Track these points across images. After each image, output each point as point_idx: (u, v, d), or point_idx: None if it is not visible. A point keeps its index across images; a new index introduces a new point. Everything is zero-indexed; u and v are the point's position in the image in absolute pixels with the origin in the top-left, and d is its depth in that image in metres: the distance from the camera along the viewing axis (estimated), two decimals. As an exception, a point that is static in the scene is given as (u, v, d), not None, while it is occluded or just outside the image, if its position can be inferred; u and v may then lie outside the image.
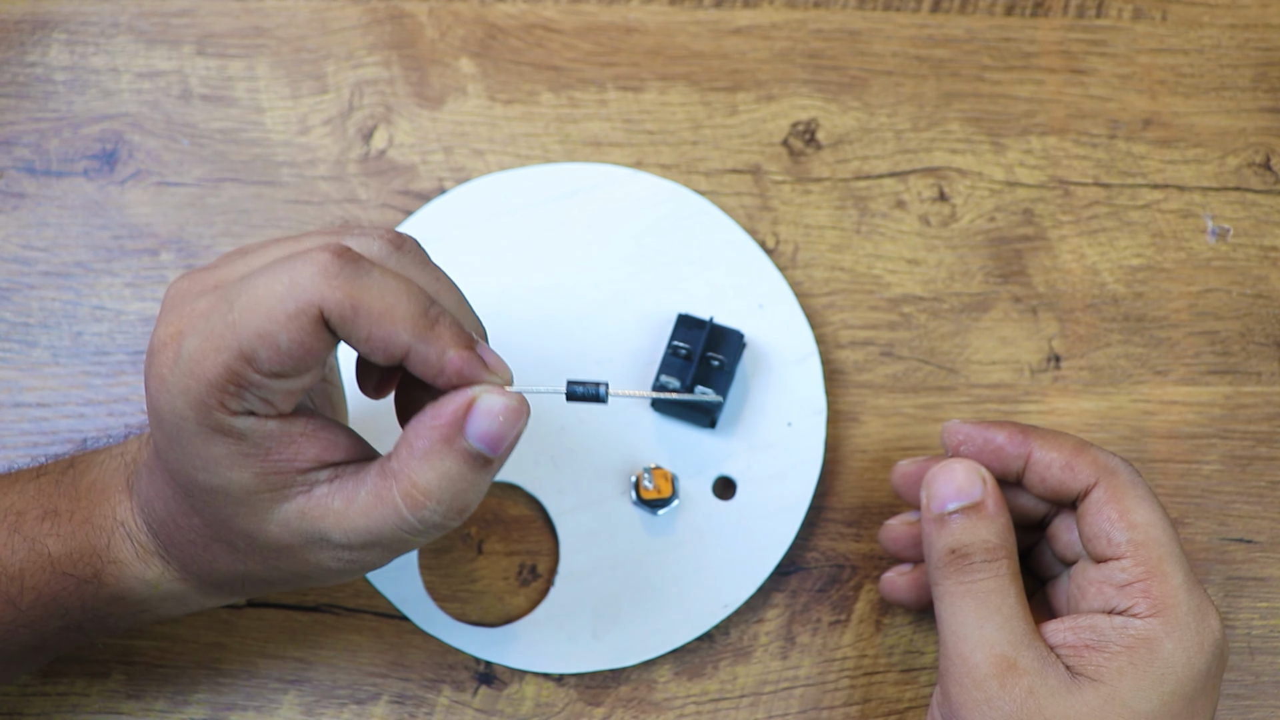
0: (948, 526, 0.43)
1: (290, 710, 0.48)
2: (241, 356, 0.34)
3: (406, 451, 0.36)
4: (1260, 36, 0.58)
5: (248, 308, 0.34)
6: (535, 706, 0.48)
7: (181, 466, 0.37)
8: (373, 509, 0.37)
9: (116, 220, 0.53)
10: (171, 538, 0.40)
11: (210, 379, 0.34)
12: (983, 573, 0.42)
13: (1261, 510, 0.52)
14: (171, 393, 0.35)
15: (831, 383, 0.52)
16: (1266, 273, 0.55)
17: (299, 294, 0.34)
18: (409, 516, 0.36)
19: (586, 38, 0.56)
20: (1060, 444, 0.44)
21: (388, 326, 0.35)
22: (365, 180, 0.54)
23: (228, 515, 0.37)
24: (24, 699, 0.48)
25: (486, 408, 0.36)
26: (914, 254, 0.54)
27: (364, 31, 0.56)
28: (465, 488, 0.37)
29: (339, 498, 0.37)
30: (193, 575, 0.41)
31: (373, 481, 0.37)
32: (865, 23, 0.57)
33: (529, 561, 0.50)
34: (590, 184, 0.53)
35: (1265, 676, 0.50)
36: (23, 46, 0.55)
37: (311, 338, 0.34)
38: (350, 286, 0.34)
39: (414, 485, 0.36)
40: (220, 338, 0.34)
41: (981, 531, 0.43)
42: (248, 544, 0.38)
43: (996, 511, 0.43)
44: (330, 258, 0.35)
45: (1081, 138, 0.56)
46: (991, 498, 0.43)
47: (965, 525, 0.43)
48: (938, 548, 0.43)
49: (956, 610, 0.42)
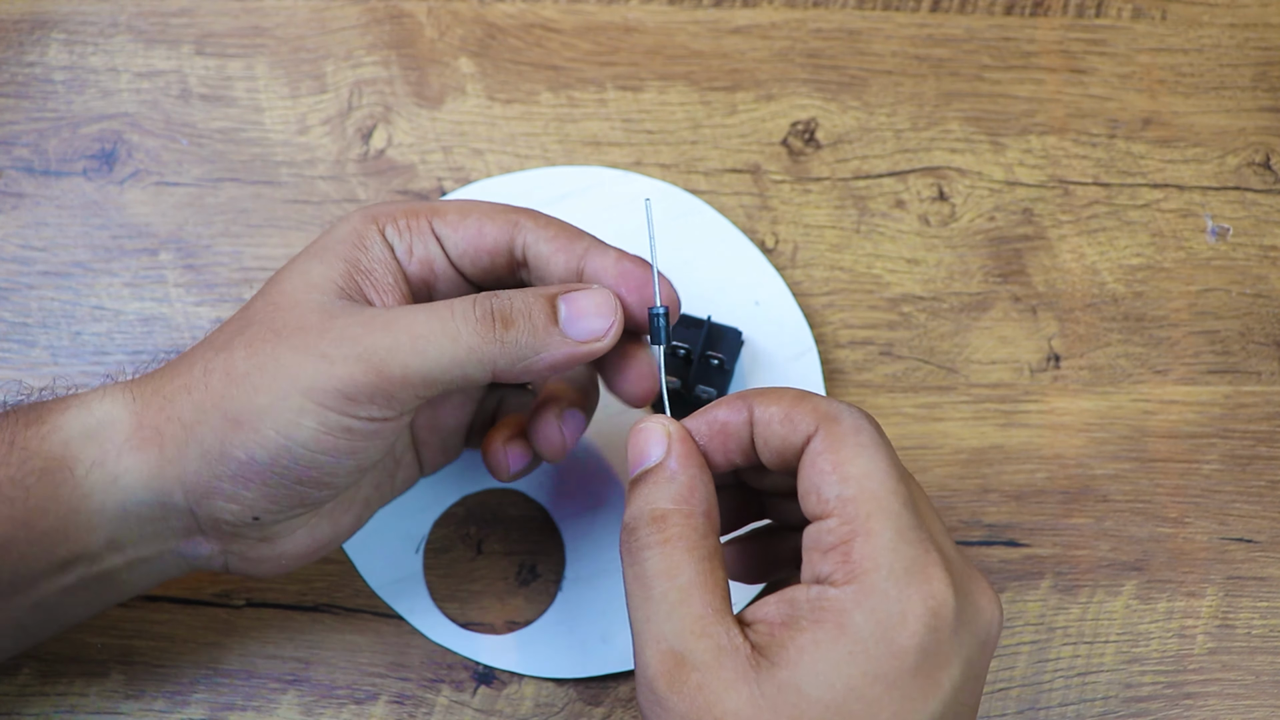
0: (628, 498, 0.37)
1: (289, 710, 0.48)
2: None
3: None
4: (1260, 36, 0.58)
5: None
6: (535, 706, 0.48)
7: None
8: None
9: (115, 220, 0.53)
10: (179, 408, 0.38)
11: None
12: (650, 549, 0.36)
13: (1261, 510, 0.52)
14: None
15: (831, 382, 0.52)
16: (1266, 272, 0.55)
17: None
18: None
19: (585, 37, 0.56)
20: (779, 397, 0.37)
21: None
22: (364, 180, 0.54)
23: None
24: (22, 699, 0.47)
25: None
26: (913, 253, 0.54)
27: (363, 31, 0.56)
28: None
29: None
30: (187, 461, 0.38)
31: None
32: (864, 22, 0.57)
33: (529, 562, 0.50)
34: (584, 186, 0.53)
35: (1265, 676, 0.50)
36: (21, 46, 0.55)
37: None
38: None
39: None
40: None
41: (653, 497, 0.36)
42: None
43: (679, 468, 0.37)
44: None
45: (1081, 137, 0.56)
46: (675, 455, 0.37)
47: (639, 494, 0.37)
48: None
49: (628, 599, 0.36)
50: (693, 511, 0.36)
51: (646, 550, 0.36)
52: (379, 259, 0.40)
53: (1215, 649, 0.50)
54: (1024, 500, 0.51)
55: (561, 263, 0.41)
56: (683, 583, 0.35)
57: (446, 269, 0.41)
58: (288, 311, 0.38)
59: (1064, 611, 0.50)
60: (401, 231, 0.41)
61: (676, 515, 0.36)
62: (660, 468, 0.37)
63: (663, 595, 0.35)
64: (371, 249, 0.40)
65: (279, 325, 0.38)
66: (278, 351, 0.37)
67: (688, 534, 0.36)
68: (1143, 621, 0.50)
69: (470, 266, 0.41)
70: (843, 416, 0.36)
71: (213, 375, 0.38)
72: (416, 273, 0.41)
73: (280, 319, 0.38)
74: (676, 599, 0.35)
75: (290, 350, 0.37)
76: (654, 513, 0.36)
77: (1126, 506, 0.52)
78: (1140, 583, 0.51)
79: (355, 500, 0.43)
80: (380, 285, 0.40)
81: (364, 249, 0.40)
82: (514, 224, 0.41)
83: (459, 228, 0.41)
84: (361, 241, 0.40)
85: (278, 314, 0.38)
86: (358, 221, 0.41)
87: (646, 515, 0.36)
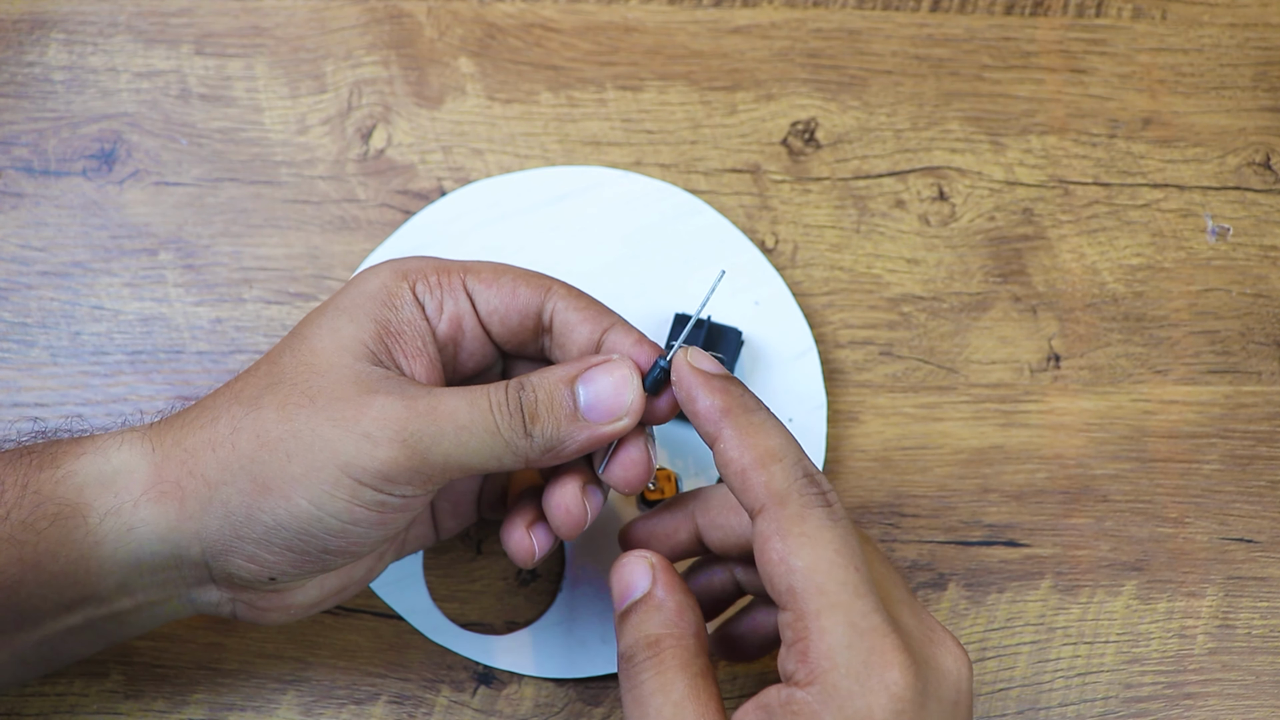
0: (620, 629, 0.40)
1: (289, 710, 0.48)
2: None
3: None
4: (1260, 35, 0.58)
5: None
6: (535, 707, 0.48)
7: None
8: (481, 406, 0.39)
9: (115, 220, 0.53)
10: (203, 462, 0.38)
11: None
12: (645, 672, 0.38)
13: (1262, 510, 0.52)
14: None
15: (831, 382, 0.52)
16: (1266, 272, 0.55)
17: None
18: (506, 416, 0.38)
19: (585, 37, 0.56)
20: (745, 443, 0.38)
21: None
22: (364, 180, 0.54)
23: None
24: (22, 699, 0.47)
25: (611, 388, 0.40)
26: (913, 253, 0.54)
27: (363, 31, 0.56)
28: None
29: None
30: (206, 513, 0.38)
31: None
32: (865, 22, 0.57)
33: (528, 561, 0.50)
34: (583, 186, 0.53)
35: (1265, 676, 0.50)
36: (21, 46, 0.55)
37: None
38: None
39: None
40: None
41: (645, 626, 0.39)
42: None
43: (665, 596, 0.39)
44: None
45: (1081, 137, 0.56)
46: (660, 583, 0.39)
47: (630, 624, 0.39)
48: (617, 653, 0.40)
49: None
50: (683, 634, 0.39)
51: (643, 674, 0.38)
52: (409, 320, 0.40)
53: (1215, 649, 0.50)
54: (1024, 500, 0.51)
55: (585, 334, 0.41)
56: (676, 698, 0.37)
57: (475, 327, 0.42)
58: (321, 376, 0.38)
59: (1064, 612, 0.50)
60: (433, 289, 0.41)
61: (669, 639, 0.38)
62: (648, 597, 0.39)
63: (658, 711, 0.37)
64: (402, 309, 0.40)
65: (314, 391, 0.38)
66: (314, 422, 0.37)
67: (680, 654, 0.38)
68: (1143, 621, 0.50)
69: (499, 326, 0.42)
70: (790, 499, 0.36)
71: (241, 435, 0.38)
72: (445, 331, 0.41)
73: (314, 384, 0.38)
74: (671, 714, 0.37)
75: (329, 423, 0.37)
76: (647, 639, 0.39)
77: (1127, 506, 0.52)
78: (1140, 583, 0.51)
79: (369, 556, 0.43)
80: (409, 349, 0.40)
81: (394, 309, 0.40)
82: (547, 289, 0.42)
83: (493, 285, 0.41)
84: (392, 300, 0.40)
85: (311, 377, 0.39)
86: (388, 277, 0.41)
87: (641, 642, 0.39)
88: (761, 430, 0.38)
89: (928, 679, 0.35)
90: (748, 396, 0.39)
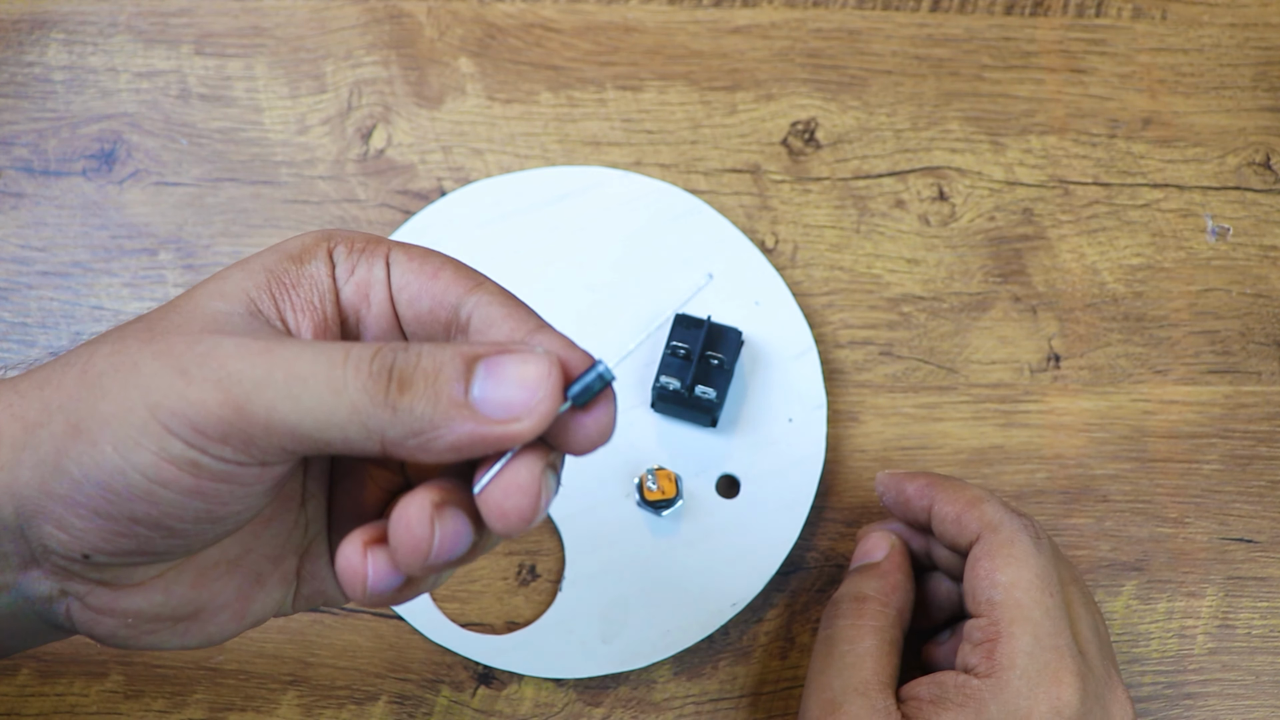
0: (844, 581, 0.45)
1: (289, 710, 0.48)
2: None
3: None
4: (1260, 35, 0.58)
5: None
6: (534, 707, 0.48)
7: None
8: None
9: (115, 220, 0.53)
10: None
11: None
12: (844, 619, 0.43)
13: (1261, 510, 0.52)
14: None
15: (831, 382, 0.52)
16: (1266, 272, 0.55)
17: None
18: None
19: (585, 37, 0.56)
20: (956, 497, 0.44)
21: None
22: (364, 180, 0.54)
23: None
24: (22, 699, 0.47)
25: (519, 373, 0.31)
26: (913, 253, 0.54)
27: (363, 31, 0.56)
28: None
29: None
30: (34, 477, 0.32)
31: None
32: (864, 22, 0.57)
33: (528, 562, 0.50)
34: (583, 186, 0.53)
35: (1265, 676, 0.50)
36: (21, 46, 0.55)
37: None
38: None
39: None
40: None
41: (862, 585, 0.44)
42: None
43: (890, 569, 0.45)
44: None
45: (1081, 137, 0.56)
46: (893, 558, 0.45)
47: (852, 579, 0.44)
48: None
49: (812, 659, 0.43)
50: (889, 603, 0.44)
51: (841, 620, 0.43)
52: (310, 275, 0.34)
53: (1215, 649, 0.50)
54: (1024, 500, 0.51)
55: (506, 330, 0.33)
56: (860, 650, 0.42)
57: (383, 301, 0.35)
58: (177, 314, 0.33)
59: (1064, 611, 0.50)
60: (351, 252, 0.35)
61: (875, 602, 0.43)
62: (876, 565, 0.45)
63: (840, 656, 0.42)
64: (307, 264, 0.35)
65: (158, 328, 0.32)
66: (140, 356, 0.31)
67: (879, 617, 0.43)
68: (1143, 622, 0.50)
69: (407, 308, 0.35)
70: (1002, 526, 0.42)
71: (69, 371, 0.32)
72: (350, 297, 0.35)
73: (164, 322, 0.32)
74: (851, 661, 0.42)
75: (152, 356, 0.31)
76: (858, 594, 0.44)
77: (1126, 506, 0.52)
78: (1140, 583, 0.51)
79: (236, 569, 0.35)
80: (300, 303, 0.34)
81: (298, 261, 0.35)
82: (476, 284, 0.34)
83: (415, 259, 0.35)
84: (301, 255, 0.35)
85: (167, 315, 0.33)
86: (310, 236, 0.36)
87: (851, 595, 0.44)
88: (965, 486, 0.44)
89: (1091, 709, 0.40)
90: (943, 476, 0.45)
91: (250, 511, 0.33)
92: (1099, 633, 0.43)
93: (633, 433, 0.50)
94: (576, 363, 0.32)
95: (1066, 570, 0.44)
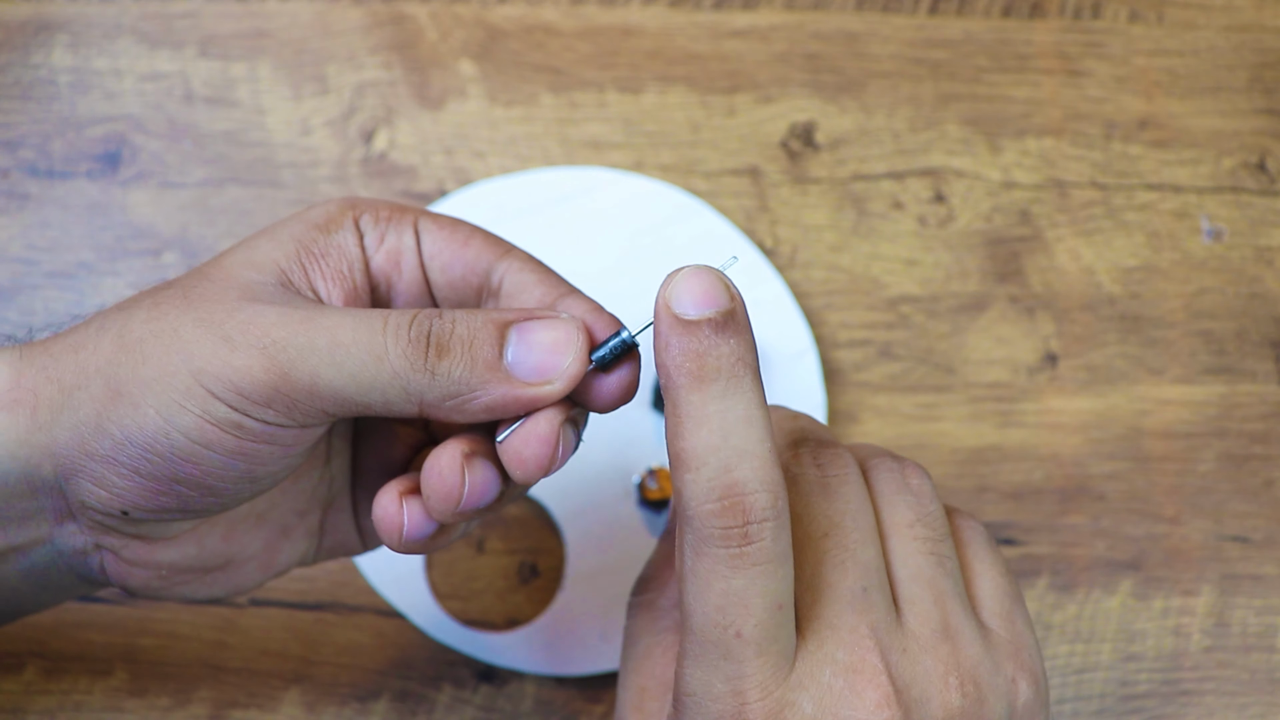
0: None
1: (292, 707, 0.48)
2: None
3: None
4: (1255, 38, 0.58)
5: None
6: (535, 704, 0.49)
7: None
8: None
9: (119, 221, 0.53)
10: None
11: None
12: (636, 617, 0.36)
13: (1257, 509, 0.52)
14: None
15: (830, 382, 0.53)
16: (1261, 273, 0.55)
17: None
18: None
19: (586, 40, 0.57)
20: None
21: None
22: (366, 181, 0.54)
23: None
24: (28, 696, 0.48)
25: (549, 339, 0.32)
26: (911, 254, 0.55)
27: (365, 33, 0.56)
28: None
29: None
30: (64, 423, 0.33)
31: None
32: (863, 25, 0.57)
33: (529, 560, 0.50)
34: (584, 187, 0.54)
35: (1260, 673, 0.50)
36: (26, 48, 0.55)
37: None
38: None
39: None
40: None
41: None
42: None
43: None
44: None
45: (1078, 139, 0.56)
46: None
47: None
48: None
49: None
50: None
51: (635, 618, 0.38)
52: (338, 245, 0.35)
53: (1211, 647, 0.50)
54: (1021, 499, 0.52)
55: (537, 297, 0.35)
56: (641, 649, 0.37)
57: (414, 269, 0.36)
58: (211, 283, 0.33)
59: (1061, 610, 0.51)
60: (379, 221, 0.36)
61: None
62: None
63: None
64: (335, 234, 0.35)
65: (194, 295, 0.33)
66: (179, 322, 0.32)
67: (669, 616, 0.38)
68: (1139, 619, 0.51)
69: (439, 274, 0.36)
70: (693, 523, 0.31)
71: (105, 335, 0.33)
72: (380, 265, 0.36)
73: (199, 289, 0.33)
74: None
75: (194, 323, 0.32)
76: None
77: (1123, 505, 0.52)
78: (1136, 581, 0.51)
79: (264, 523, 0.37)
80: (330, 273, 0.35)
81: (326, 231, 0.35)
82: (505, 251, 0.36)
83: (445, 228, 0.36)
84: (328, 224, 0.35)
85: (200, 283, 0.33)
86: (334, 204, 0.36)
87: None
88: (699, 418, 0.30)
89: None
90: (729, 360, 0.30)
91: (286, 471, 0.34)
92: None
93: (633, 433, 0.51)
94: (603, 327, 0.34)
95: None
